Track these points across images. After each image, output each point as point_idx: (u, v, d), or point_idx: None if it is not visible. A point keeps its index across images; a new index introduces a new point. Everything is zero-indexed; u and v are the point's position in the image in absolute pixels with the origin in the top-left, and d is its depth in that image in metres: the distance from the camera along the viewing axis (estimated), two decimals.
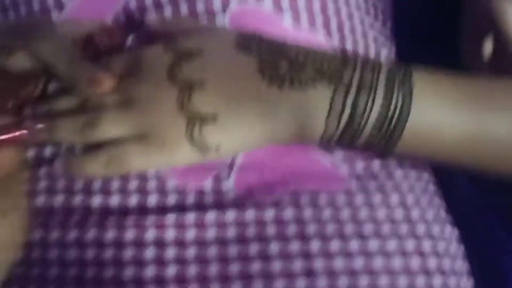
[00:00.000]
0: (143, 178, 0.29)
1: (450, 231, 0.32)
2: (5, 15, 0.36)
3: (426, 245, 0.29)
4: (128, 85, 0.28)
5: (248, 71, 0.27)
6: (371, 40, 0.37)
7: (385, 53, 0.39)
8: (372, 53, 0.37)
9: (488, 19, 0.45)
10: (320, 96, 0.26)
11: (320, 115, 0.26)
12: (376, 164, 0.33)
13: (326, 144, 0.28)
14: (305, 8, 0.34)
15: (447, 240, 0.31)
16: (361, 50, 0.36)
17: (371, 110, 0.26)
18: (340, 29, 0.35)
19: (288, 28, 0.34)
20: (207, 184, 0.30)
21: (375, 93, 0.26)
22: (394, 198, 0.31)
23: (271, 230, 0.28)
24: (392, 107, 0.26)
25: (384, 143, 0.27)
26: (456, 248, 0.31)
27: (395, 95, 0.26)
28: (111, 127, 0.27)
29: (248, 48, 0.27)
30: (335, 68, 0.26)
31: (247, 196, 0.30)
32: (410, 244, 0.29)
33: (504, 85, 0.29)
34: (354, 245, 0.28)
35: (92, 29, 0.32)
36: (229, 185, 0.30)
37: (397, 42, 0.48)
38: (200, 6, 0.33)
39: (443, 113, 0.27)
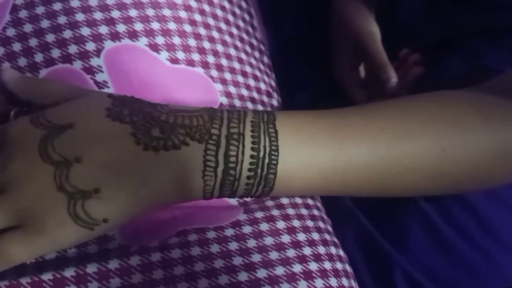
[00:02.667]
0: None
1: (336, 252, 0.33)
2: None
3: (313, 267, 0.31)
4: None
5: (123, 139, 0.26)
6: (250, 74, 0.38)
7: (266, 80, 0.41)
8: (251, 84, 0.39)
9: (358, 44, 0.49)
10: (194, 155, 0.27)
11: (197, 172, 0.27)
12: None
13: (210, 197, 0.28)
14: (181, 46, 0.35)
15: (333, 261, 0.32)
16: (240, 80, 0.38)
17: (242, 160, 0.27)
18: (219, 66, 0.36)
19: (165, 63, 0.34)
20: None
21: (243, 144, 0.27)
22: (281, 225, 0.32)
23: (158, 274, 0.28)
24: (261, 153, 0.27)
25: (262, 188, 0.28)
26: (342, 267, 0.33)
27: (262, 142, 0.27)
28: None
29: (120, 117, 0.27)
30: (203, 125, 0.27)
31: (133, 242, 0.30)
32: (297, 268, 0.30)
33: (360, 111, 0.31)
34: (243, 276, 0.29)
35: None
36: (114, 231, 0.29)
37: (285, 66, 0.51)
38: (73, 49, 0.33)
39: (308, 149, 0.28)
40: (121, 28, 0.34)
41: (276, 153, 0.28)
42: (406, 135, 0.30)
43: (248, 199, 0.34)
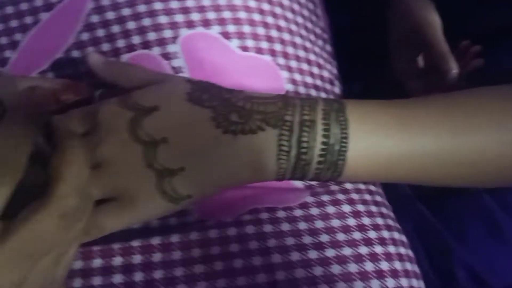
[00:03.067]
0: None
1: (399, 237, 0.34)
2: None
3: (378, 250, 0.32)
4: (91, 146, 0.28)
5: (204, 122, 0.28)
6: (314, 62, 0.39)
7: (329, 68, 0.42)
8: (315, 72, 0.40)
9: (420, 35, 0.49)
10: (269, 139, 0.28)
11: (272, 156, 0.28)
12: None
13: (282, 179, 0.30)
14: (250, 34, 0.37)
15: (396, 245, 0.33)
16: (305, 67, 0.39)
17: (314, 146, 0.29)
18: (285, 54, 0.38)
19: (235, 50, 0.36)
20: None
21: (315, 130, 0.29)
22: (347, 209, 0.33)
23: (234, 247, 0.30)
24: (332, 140, 0.29)
25: (331, 173, 0.30)
26: (405, 252, 0.34)
27: (332, 130, 0.29)
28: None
29: (200, 101, 0.29)
30: (278, 112, 0.29)
31: (209, 216, 0.32)
32: (363, 250, 0.31)
33: (425, 102, 0.32)
34: (313, 254, 0.30)
35: (54, 85, 0.32)
36: (192, 206, 0.31)
37: (339, 57, 0.52)
38: (151, 36, 0.35)
39: (377, 138, 0.29)
40: (195, 16, 0.36)
41: (346, 141, 0.29)
42: (469, 128, 0.30)
43: (314, 183, 0.36)
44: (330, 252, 0.30)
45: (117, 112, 0.29)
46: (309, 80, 0.40)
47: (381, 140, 0.29)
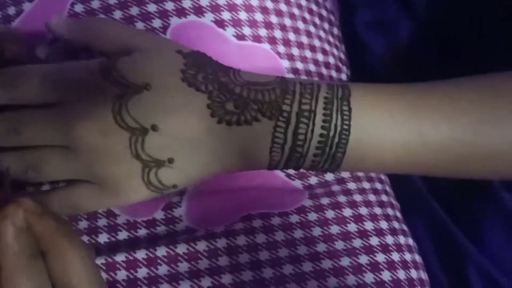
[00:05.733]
0: (92, 217, 0.29)
1: (404, 242, 0.32)
2: None
3: (380, 258, 0.30)
4: (60, 124, 0.25)
5: (199, 110, 0.26)
6: (318, 49, 0.36)
7: (336, 54, 0.39)
8: (320, 59, 0.37)
9: None
10: (263, 131, 0.26)
11: (265, 147, 0.26)
12: (330, 176, 0.33)
13: (274, 169, 0.28)
14: (247, 21, 0.34)
15: (401, 251, 0.31)
16: (308, 55, 0.36)
17: (311, 138, 0.26)
18: (286, 41, 0.35)
19: (231, 39, 0.33)
20: (158, 214, 0.30)
21: (313, 122, 0.26)
22: (347, 213, 0.31)
23: (223, 260, 0.28)
24: (332, 133, 0.26)
25: (328, 165, 0.27)
26: (411, 258, 0.32)
27: (333, 121, 0.26)
28: (57, 171, 0.26)
29: (195, 83, 0.26)
30: (275, 100, 0.26)
31: (199, 224, 0.30)
32: (363, 259, 0.29)
33: (439, 89, 0.28)
34: (307, 267, 0.28)
35: None
36: (181, 212, 0.30)
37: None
38: (139, 26, 0.33)
39: (382, 128, 0.27)
40: (186, 3, 0.33)
41: (347, 133, 0.26)
42: (493, 118, 0.27)
43: (314, 183, 0.33)
44: (326, 264, 0.29)
45: (99, 87, 0.25)
46: (312, 68, 0.37)
47: (388, 132, 0.27)
